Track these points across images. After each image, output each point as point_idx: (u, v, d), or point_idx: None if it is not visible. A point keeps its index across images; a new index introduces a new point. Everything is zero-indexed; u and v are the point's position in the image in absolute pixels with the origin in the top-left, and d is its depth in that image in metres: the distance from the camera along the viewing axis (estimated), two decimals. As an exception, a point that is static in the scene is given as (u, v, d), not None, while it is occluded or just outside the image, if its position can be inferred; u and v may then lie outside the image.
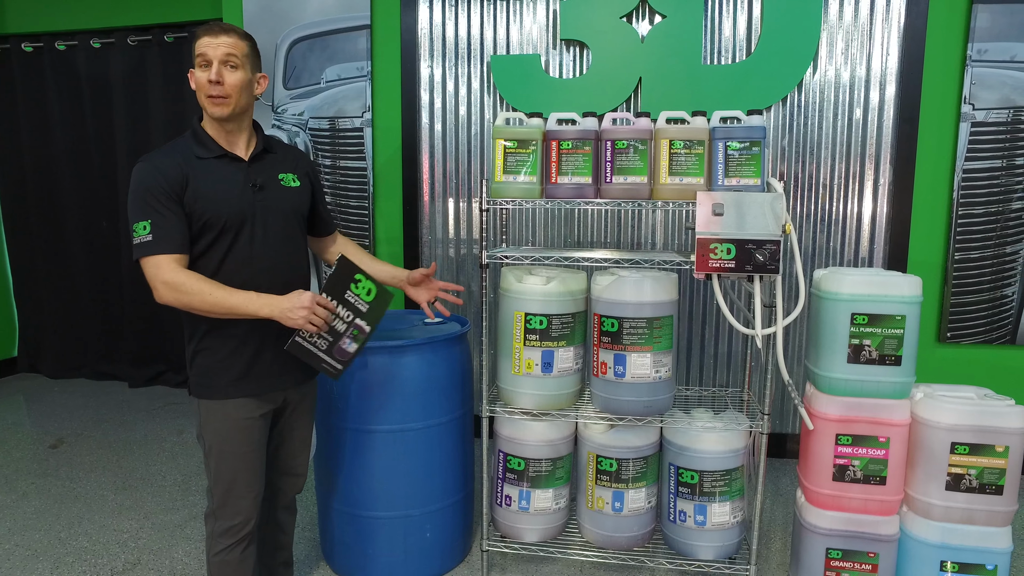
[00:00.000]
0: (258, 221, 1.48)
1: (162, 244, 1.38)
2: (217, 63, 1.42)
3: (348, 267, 1.47)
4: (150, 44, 3.69)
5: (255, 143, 1.54)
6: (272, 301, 1.41)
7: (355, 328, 1.50)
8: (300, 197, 1.59)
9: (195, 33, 1.45)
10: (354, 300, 1.49)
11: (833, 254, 2.80)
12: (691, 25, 2.73)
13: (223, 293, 1.39)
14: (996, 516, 1.73)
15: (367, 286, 1.50)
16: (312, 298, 1.41)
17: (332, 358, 1.50)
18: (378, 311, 1.53)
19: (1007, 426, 1.69)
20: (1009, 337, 2.70)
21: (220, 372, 1.48)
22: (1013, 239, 2.65)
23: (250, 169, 1.50)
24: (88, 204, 3.95)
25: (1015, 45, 2.55)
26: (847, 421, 1.79)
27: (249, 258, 1.47)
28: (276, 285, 1.49)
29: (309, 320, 1.41)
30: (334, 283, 1.46)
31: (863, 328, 1.76)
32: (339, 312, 1.47)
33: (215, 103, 1.44)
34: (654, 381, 1.82)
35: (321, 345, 1.48)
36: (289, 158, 1.61)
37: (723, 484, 1.88)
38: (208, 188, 1.43)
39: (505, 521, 2.01)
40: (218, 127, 1.49)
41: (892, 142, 2.70)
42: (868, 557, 1.82)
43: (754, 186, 1.77)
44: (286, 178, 1.56)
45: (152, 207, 1.38)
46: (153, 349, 3.97)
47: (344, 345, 1.50)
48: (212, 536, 1.55)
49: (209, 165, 1.46)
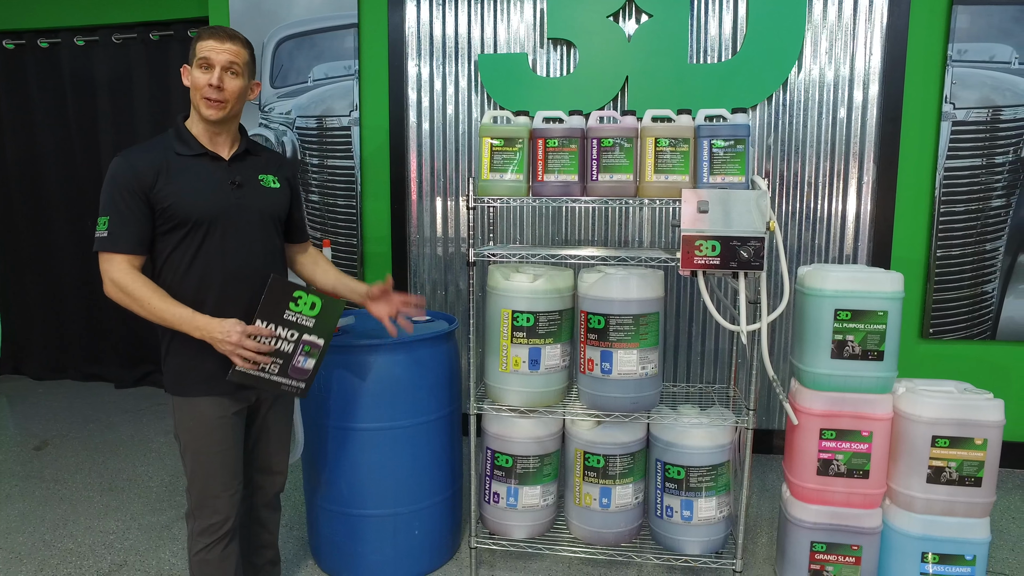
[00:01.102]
0: (233, 219, 1.48)
1: (117, 242, 1.40)
2: (219, 69, 1.44)
3: (281, 287, 1.43)
4: (135, 42, 3.66)
5: (238, 144, 1.55)
6: (207, 325, 1.40)
7: (306, 344, 1.47)
8: (279, 199, 1.59)
9: (199, 33, 1.47)
10: (296, 318, 1.45)
11: (818, 251, 2.83)
12: (677, 24, 2.75)
13: (163, 305, 1.39)
14: (975, 508, 1.76)
15: (310, 300, 1.45)
16: (240, 333, 1.40)
17: (289, 379, 1.47)
18: (328, 323, 1.49)
19: (985, 419, 1.72)
20: (989, 333, 2.74)
21: (191, 370, 1.48)
22: (993, 236, 2.69)
23: (230, 168, 1.51)
24: (72, 203, 3.91)
25: (994, 45, 2.59)
26: (831, 416, 1.82)
27: (221, 256, 1.47)
28: (251, 286, 1.48)
29: (237, 355, 1.40)
30: (268, 306, 1.42)
31: (846, 324, 1.79)
32: (280, 334, 1.43)
33: (210, 105, 1.45)
34: (641, 378, 1.83)
35: (272, 370, 1.45)
36: (272, 161, 1.62)
37: (709, 479, 1.89)
38: (182, 185, 1.43)
39: (493, 518, 2.01)
40: (205, 127, 1.49)
41: (875, 141, 2.73)
42: (851, 550, 1.84)
43: (739, 184, 1.79)
44: (266, 179, 1.57)
45: (115, 204, 1.40)
46: (139, 350, 3.94)
47: (299, 363, 1.47)
48: (192, 536, 1.55)
49: (188, 162, 1.46)
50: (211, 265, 1.46)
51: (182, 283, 1.46)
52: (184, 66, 1.50)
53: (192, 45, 1.48)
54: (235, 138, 1.55)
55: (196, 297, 1.45)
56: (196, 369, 1.48)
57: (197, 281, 1.46)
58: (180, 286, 1.45)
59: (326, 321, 1.48)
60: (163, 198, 1.42)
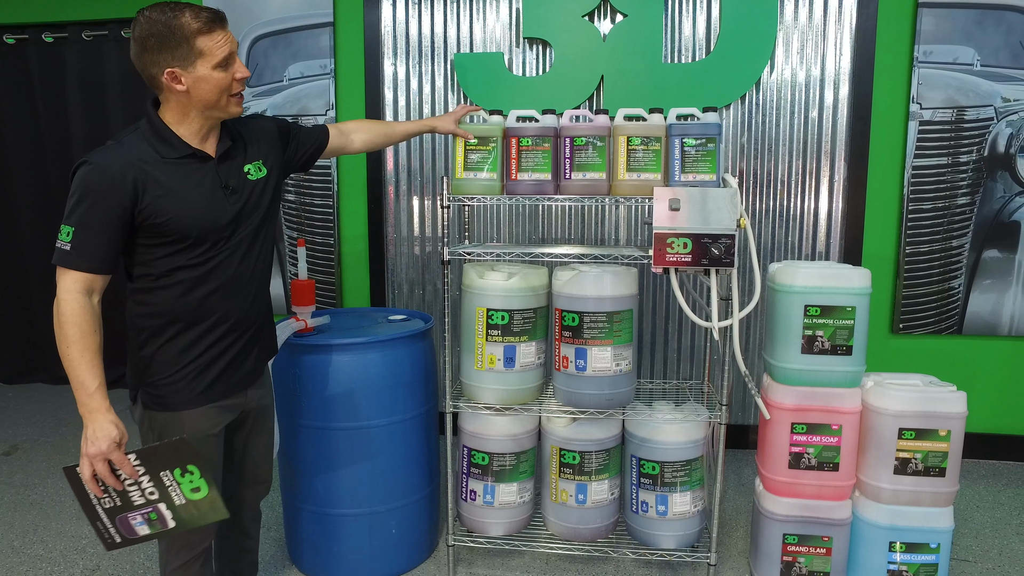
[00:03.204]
0: (234, 227, 1.38)
1: (80, 259, 1.24)
2: (236, 56, 1.33)
3: (182, 450, 1.22)
4: (106, 39, 3.60)
5: (220, 136, 1.41)
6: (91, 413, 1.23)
7: (154, 512, 1.24)
8: (266, 187, 1.47)
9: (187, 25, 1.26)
10: (170, 484, 1.23)
11: (791, 248, 2.88)
12: (652, 24, 2.77)
13: (76, 355, 1.22)
14: (940, 497, 1.80)
15: (196, 483, 1.23)
16: (105, 452, 1.21)
17: (112, 525, 1.25)
18: (196, 517, 1.26)
19: (949, 411, 1.77)
20: (956, 327, 2.81)
21: (180, 382, 1.36)
22: (959, 233, 2.76)
23: (219, 168, 1.37)
24: (42, 204, 3.83)
25: (957, 47, 2.65)
26: (802, 410, 1.85)
27: (222, 264, 1.37)
28: (248, 291, 1.44)
29: (88, 471, 1.22)
30: (156, 454, 1.23)
31: (816, 319, 1.82)
32: (141, 483, 1.23)
33: (240, 101, 1.36)
34: (615, 374, 1.85)
35: (105, 503, 1.23)
36: (253, 141, 1.47)
37: (684, 474, 1.92)
38: (175, 197, 1.29)
39: (470, 516, 2.02)
40: (201, 124, 1.34)
41: (846, 140, 2.78)
42: (822, 541, 1.88)
43: (710, 182, 1.81)
44: (251, 169, 1.44)
45: (83, 215, 1.23)
46: (113, 352, 3.83)
47: (132, 521, 1.24)
48: (168, 551, 1.44)
49: (175, 168, 1.31)
50: (211, 276, 1.36)
51: (180, 293, 1.34)
52: (171, 70, 1.26)
53: (180, 41, 1.25)
54: (218, 129, 1.41)
55: (196, 308, 1.36)
56: (185, 382, 1.37)
57: (197, 291, 1.35)
58: (177, 295, 1.34)
59: (196, 515, 1.26)
60: (153, 213, 1.27)
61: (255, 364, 1.52)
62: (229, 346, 1.43)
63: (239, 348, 1.45)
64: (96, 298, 1.28)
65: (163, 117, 1.33)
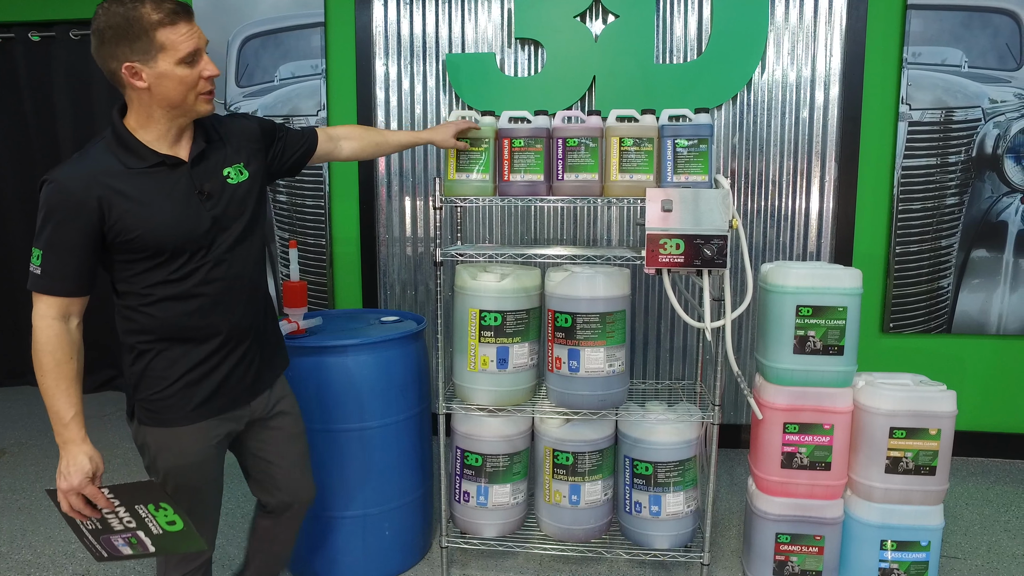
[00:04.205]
0: (213, 235, 1.29)
1: (52, 284, 1.19)
2: (204, 53, 1.24)
3: (152, 491, 1.22)
4: (94, 39, 3.57)
5: (194, 138, 1.31)
6: (66, 444, 1.21)
7: (134, 537, 1.26)
8: (249, 191, 1.37)
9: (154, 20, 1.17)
10: (145, 516, 1.24)
11: (783, 248, 2.89)
12: (643, 25, 2.78)
13: (51, 384, 1.20)
14: (930, 495, 1.81)
15: (171, 518, 1.24)
16: (78, 487, 1.19)
17: (97, 543, 1.27)
18: (173, 544, 1.28)
19: (939, 410, 1.78)
20: (945, 326, 2.83)
21: (175, 398, 1.30)
22: (948, 233, 2.78)
23: (193, 172, 1.28)
24: (29, 205, 3.79)
25: (945, 49, 2.67)
26: (794, 410, 1.86)
27: (206, 276, 1.30)
28: (238, 295, 1.35)
29: (64, 504, 1.20)
30: (128, 491, 1.22)
31: (807, 319, 1.83)
32: (119, 513, 1.24)
33: (210, 99, 1.26)
34: (608, 375, 1.85)
35: (87, 525, 1.25)
36: (232, 142, 1.38)
37: (677, 475, 1.92)
38: (143, 210, 1.21)
39: (464, 517, 2.01)
40: (168, 126, 1.25)
41: (836, 140, 2.80)
42: (815, 540, 1.89)
43: (702, 182, 1.82)
44: (231, 172, 1.34)
45: (49, 237, 1.17)
46: (102, 354, 3.84)
47: (116, 542, 1.27)
48: (166, 563, 1.41)
49: (143, 179, 1.22)
50: (196, 289, 1.29)
51: (163, 308, 1.28)
52: (129, 64, 1.18)
53: (139, 34, 1.16)
54: (191, 130, 1.31)
55: (183, 323, 1.29)
56: (177, 398, 1.31)
57: (181, 306, 1.28)
58: (161, 311, 1.28)
59: (173, 543, 1.28)
60: (123, 230, 1.20)
61: (256, 377, 1.43)
62: (223, 359, 1.35)
63: (235, 361, 1.37)
64: (75, 321, 1.23)
65: (128, 122, 1.25)
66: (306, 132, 1.58)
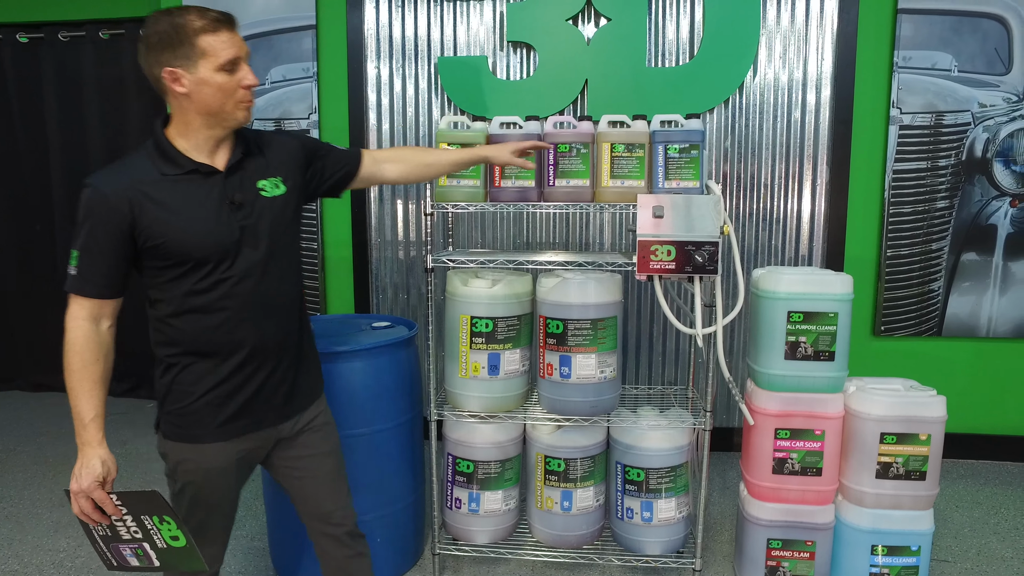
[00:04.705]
0: (241, 246, 1.28)
1: (85, 285, 1.22)
2: (245, 62, 1.26)
3: (154, 502, 1.20)
4: (83, 41, 3.54)
5: (233, 148, 1.33)
6: (84, 445, 1.21)
7: (140, 549, 1.26)
8: (285, 207, 1.36)
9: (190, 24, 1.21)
10: (150, 528, 1.23)
11: (775, 251, 2.89)
12: (635, 28, 2.77)
13: (76, 384, 1.21)
14: (920, 500, 1.82)
15: (175, 532, 1.23)
16: (87, 490, 1.19)
17: (107, 550, 1.27)
18: (176, 561, 1.26)
19: (930, 416, 1.79)
20: (936, 329, 2.84)
21: (200, 414, 1.30)
22: (938, 236, 2.79)
23: (227, 183, 1.29)
24: (18, 207, 3.76)
25: (935, 53, 2.68)
26: (785, 416, 1.86)
27: (232, 288, 1.28)
28: (269, 311, 1.33)
29: (75, 503, 1.20)
30: (133, 499, 1.22)
31: (799, 325, 1.83)
32: (126, 522, 1.23)
33: (247, 108, 1.28)
34: (599, 381, 1.84)
35: (98, 530, 1.24)
36: (272, 156, 1.38)
37: (668, 481, 1.92)
38: (172, 217, 1.23)
39: (456, 524, 2.01)
40: (206, 134, 1.27)
41: (828, 143, 2.80)
42: (806, 545, 1.89)
43: (693, 188, 1.82)
44: (266, 185, 1.34)
45: (85, 239, 1.22)
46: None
47: (124, 552, 1.26)
48: None
49: (176, 186, 1.25)
50: (221, 302, 1.28)
51: (190, 321, 1.27)
52: (171, 69, 1.21)
53: (183, 40, 1.21)
54: (231, 141, 1.33)
55: (209, 337, 1.28)
56: (200, 414, 1.30)
57: (207, 320, 1.28)
58: (188, 324, 1.28)
59: (177, 560, 1.26)
60: (151, 235, 1.22)
61: (287, 399, 1.39)
62: (249, 377, 1.33)
63: (262, 379, 1.34)
64: (106, 324, 1.25)
65: (169, 130, 1.28)
66: (349, 154, 1.54)
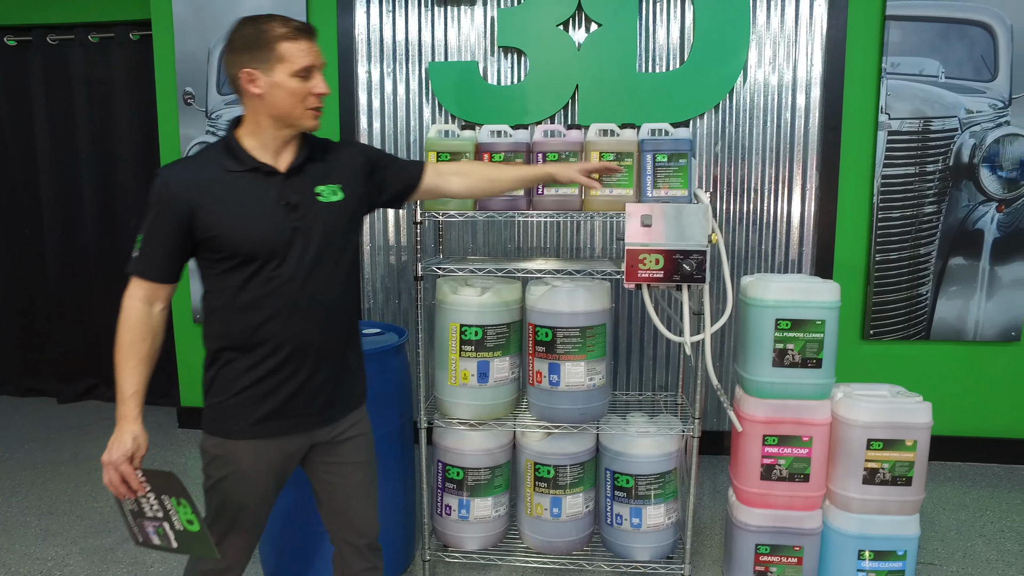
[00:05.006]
0: (291, 246, 1.31)
1: (144, 268, 1.29)
2: (319, 72, 1.31)
3: (171, 483, 1.24)
4: (73, 44, 3.51)
5: (297, 153, 1.37)
6: (120, 421, 1.27)
7: (161, 528, 1.29)
8: (341, 214, 1.38)
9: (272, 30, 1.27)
10: (170, 509, 1.27)
11: (764, 256, 2.91)
12: (626, 33, 2.78)
13: (122, 360, 1.27)
14: (906, 505, 1.84)
15: (189, 516, 1.26)
16: (116, 463, 1.24)
17: (134, 524, 1.31)
18: (191, 545, 1.29)
19: (915, 422, 1.80)
20: (924, 333, 2.86)
21: (236, 409, 1.33)
22: (926, 241, 2.81)
23: (285, 184, 1.33)
24: (6, 210, 3.75)
25: (923, 59, 2.70)
26: (773, 422, 1.87)
27: (279, 287, 1.31)
28: (315, 319, 1.35)
29: (106, 475, 1.25)
30: (155, 478, 1.26)
31: (787, 333, 1.84)
32: (148, 497, 1.28)
33: (316, 115, 1.32)
34: (588, 389, 1.85)
35: (127, 505, 1.29)
36: (334, 163, 1.41)
37: (657, 487, 1.93)
38: (228, 212, 1.28)
39: (446, 530, 2.01)
40: (273, 135, 1.32)
41: (818, 149, 2.82)
42: (794, 551, 1.91)
43: (682, 197, 1.83)
44: (324, 191, 1.37)
45: (150, 225, 1.29)
46: (83, 362, 3.79)
47: (148, 529, 1.30)
48: (192, 571, 1.42)
49: (236, 181, 1.30)
50: (267, 300, 1.31)
51: (235, 316, 1.31)
52: (248, 70, 1.27)
53: (263, 44, 1.27)
54: (296, 146, 1.37)
55: (251, 334, 1.31)
56: (236, 410, 1.33)
57: (251, 316, 1.31)
58: (233, 319, 1.31)
59: (190, 543, 1.30)
60: (207, 227, 1.27)
61: (325, 405, 1.40)
62: (287, 378, 1.34)
63: (300, 382, 1.36)
64: (159, 307, 1.31)
65: (240, 129, 1.34)
66: (411, 166, 1.57)
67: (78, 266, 3.68)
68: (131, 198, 3.55)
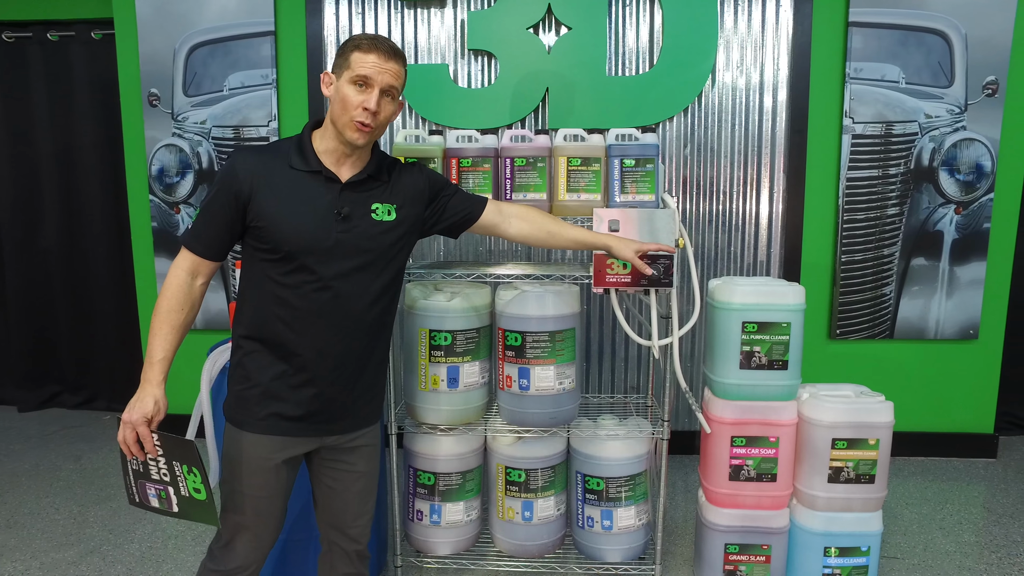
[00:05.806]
0: (331, 255, 1.33)
1: (191, 241, 1.34)
2: (379, 91, 1.31)
3: (187, 450, 1.27)
4: (30, 42, 3.42)
5: (363, 167, 1.39)
6: (144, 381, 1.30)
7: (165, 492, 1.32)
8: (391, 233, 1.40)
9: (356, 40, 1.33)
10: (179, 475, 1.30)
11: (733, 257, 2.95)
12: (595, 37, 2.80)
13: (156, 325, 1.31)
14: (870, 503, 1.88)
15: (198, 485, 1.29)
16: (134, 423, 1.27)
17: (134, 484, 1.34)
18: (194, 512, 1.33)
19: (878, 421, 1.84)
20: (888, 332, 2.93)
21: (247, 402, 1.36)
22: (889, 242, 2.88)
23: (342, 194, 1.35)
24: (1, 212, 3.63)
25: (884, 65, 2.77)
26: (741, 424, 1.90)
27: (310, 292, 1.33)
28: (345, 332, 1.37)
29: (121, 430, 1.28)
30: (171, 444, 1.29)
31: (753, 335, 1.87)
32: (158, 461, 1.31)
33: (360, 129, 1.32)
34: (558, 393, 1.86)
35: (133, 464, 1.32)
36: (396, 184, 1.44)
37: (628, 489, 1.94)
38: (281, 207, 1.31)
39: (418, 536, 2.00)
40: (335, 142, 1.36)
41: (785, 151, 2.87)
42: (762, 549, 1.94)
43: (649, 202, 1.84)
44: (380, 209, 1.39)
45: (209, 201, 1.33)
46: (45, 368, 3.70)
47: (148, 491, 1.33)
48: (205, 570, 1.43)
49: (297, 180, 1.33)
50: (295, 300, 1.33)
51: (262, 306, 1.34)
52: (326, 72, 1.36)
53: (344, 52, 1.33)
54: (364, 160, 1.40)
55: (272, 328, 1.34)
56: (255, 402, 1.36)
57: (276, 311, 1.34)
58: (259, 308, 1.35)
59: (194, 510, 1.33)
60: (257, 216, 1.31)
61: (336, 418, 1.42)
62: (304, 382, 1.36)
63: (314, 389, 1.37)
64: (200, 280, 1.35)
65: (316, 130, 1.39)
66: (473, 200, 1.60)
67: (38, 269, 3.58)
68: (94, 202, 3.47)
